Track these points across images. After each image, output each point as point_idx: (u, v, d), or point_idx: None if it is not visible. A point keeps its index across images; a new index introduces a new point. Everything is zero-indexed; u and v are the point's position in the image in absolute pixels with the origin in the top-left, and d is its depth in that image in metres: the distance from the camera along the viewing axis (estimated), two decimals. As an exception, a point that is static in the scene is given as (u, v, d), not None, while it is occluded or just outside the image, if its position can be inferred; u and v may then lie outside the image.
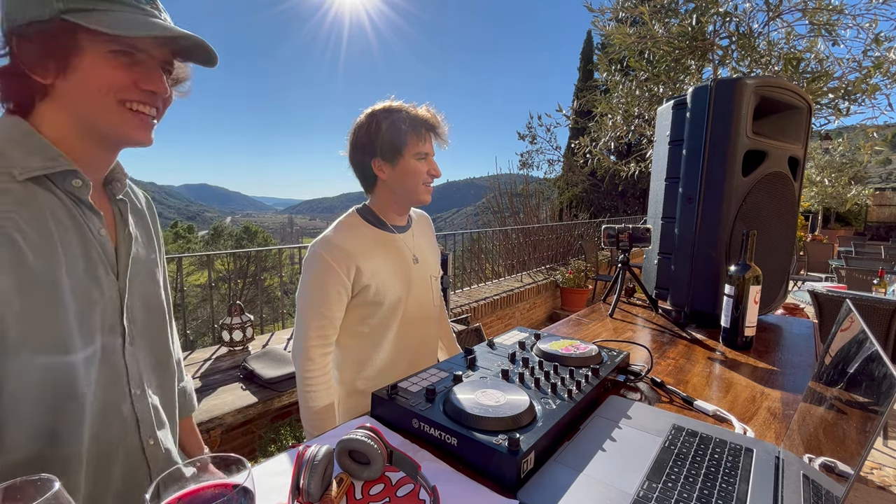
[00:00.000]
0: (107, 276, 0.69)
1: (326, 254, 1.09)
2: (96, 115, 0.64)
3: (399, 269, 1.18)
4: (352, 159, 1.19)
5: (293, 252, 4.39)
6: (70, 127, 0.65)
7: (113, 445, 0.71)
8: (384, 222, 1.20)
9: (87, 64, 0.62)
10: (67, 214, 0.65)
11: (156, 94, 0.67)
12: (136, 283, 0.75)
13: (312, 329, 1.10)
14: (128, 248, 0.74)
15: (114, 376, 0.70)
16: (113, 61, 0.63)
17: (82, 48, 0.61)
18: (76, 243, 0.65)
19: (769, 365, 1.07)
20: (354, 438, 0.57)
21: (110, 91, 0.63)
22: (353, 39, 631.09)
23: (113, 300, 0.70)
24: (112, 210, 0.75)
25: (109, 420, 0.70)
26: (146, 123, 0.68)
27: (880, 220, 17.37)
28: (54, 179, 0.64)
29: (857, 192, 12.72)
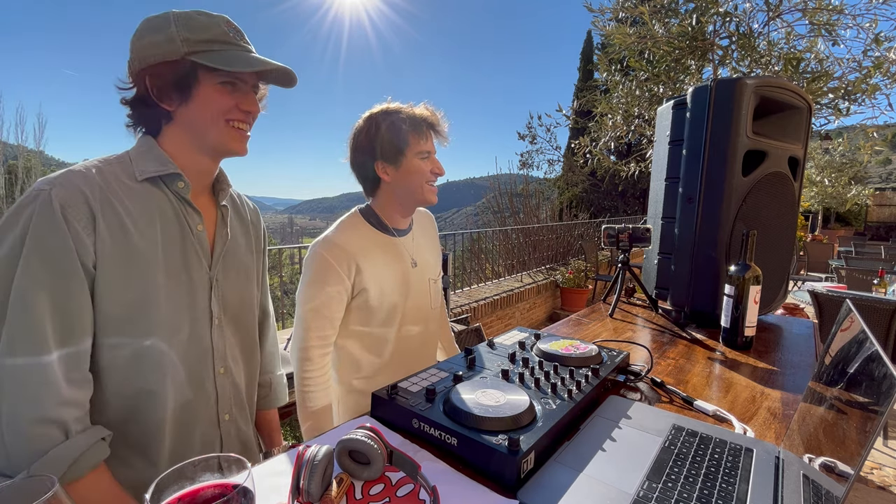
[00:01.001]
0: (199, 264, 0.82)
1: (327, 253, 1.08)
2: (209, 133, 0.80)
3: (398, 273, 1.17)
4: (353, 164, 1.18)
5: (293, 252, 4.39)
6: (186, 143, 0.81)
7: (195, 415, 0.83)
8: (386, 225, 1.19)
9: (203, 93, 0.77)
10: (172, 210, 0.80)
11: (251, 112, 0.83)
12: (228, 275, 0.88)
13: (312, 329, 1.09)
14: (222, 245, 0.87)
15: (201, 353, 0.82)
16: (222, 90, 0.79)
17: (200, 81, 0.77)
18: (176, 233, 0.80)
19: (769, 365, 1.07)
20: (354, 438, 0.57)
21: (220, 113, 0.79)
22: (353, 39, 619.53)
23: (203, 285, 0.83)
24: (216, 212, 0.89)
25: (194, 391, 0.82)
26: (244, 137, 0.84)
27: (880, 220, 17.36)
28: (165, 181, 0.79)
29: (857, 192, 12.72)
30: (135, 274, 0.73)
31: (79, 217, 0.68)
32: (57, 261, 0.66)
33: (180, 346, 0.79)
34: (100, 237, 0.70)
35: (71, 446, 0.66)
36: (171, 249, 0.78)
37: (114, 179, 0.74)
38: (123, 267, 0.72)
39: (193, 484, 0.43)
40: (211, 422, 0.86)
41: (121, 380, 0.74)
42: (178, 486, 0.42)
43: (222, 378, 0.86)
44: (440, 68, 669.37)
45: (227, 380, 0.87)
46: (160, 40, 0.74)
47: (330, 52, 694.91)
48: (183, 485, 0.42)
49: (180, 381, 0.79)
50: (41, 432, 0.64)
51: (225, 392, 0.87)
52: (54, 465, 0.64)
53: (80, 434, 0.68)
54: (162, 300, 0.76)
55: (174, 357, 0.78)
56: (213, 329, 0.84)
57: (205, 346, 0.83)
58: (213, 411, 0.86)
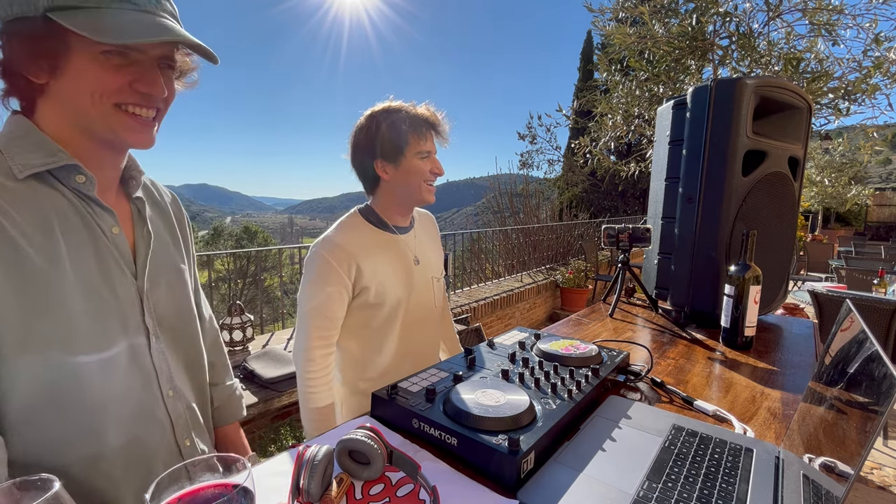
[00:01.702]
0: (122, 276, 0.67)
1: (328, 254, 1.08)
2: (91, 118, 0.61)
3: (400, 271, 1.17)
4: (353, 161, 1.18)
5: (293, 252, 4.39)
6: (68, 126, 0.62)
7: (151, 447, 0.71)
8: (386, 223, 1.19)
9: (77, 65, 0.58)
10: (75, 212, 0.63)
11: (152, 95, 0.64)
12: (158, 282, 0.73)
13: (314, 329, 1.09)
14: (146, 247, 0.72)
15: (143, 377, 0.69)
16: (105, 62, 0.59)
17: (71, 48, 0.57)
18: (85, 241, 0.63)
19: (769, 365, 1.07)
20: (354, 438, 0.57)
21: (104, 94, 0.60)
22: (353, 39, 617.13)
23: (131, 299, 0.68)
24: (130, 209, 0.73)
25: (145, 422, 0.69)
26: (144, 125, 0.65)
27: (880, 220, 17.36)
28: (58, 176, 0.62)
29: (857, 192, 12.72)
30: (39, 302, 0.57)
31: None
32: None
33: (116, 375, 0.65)
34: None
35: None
36: (82, 263, 0.62)
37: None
38: (20, 296, 0.56)
39: (193, 484, 0.43)
40: (171, 452, 0.74)
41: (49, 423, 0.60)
42: (178, 486, 0.42)
43: (173, 401, 0.74)
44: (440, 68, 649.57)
45: (180, 402, 0.75)
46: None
47: (330, 52, 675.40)
48: (183, 485, 0.42)
49: (125, 414, 0.67)
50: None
51: (179, 416, 0.75)
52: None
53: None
54: (81, 327, 0.61)
55: (111, 388, 0.65)
56: (151, 348, 0.70)
57: (146, 369, 0.70)
58: (171, 440, 0.74)
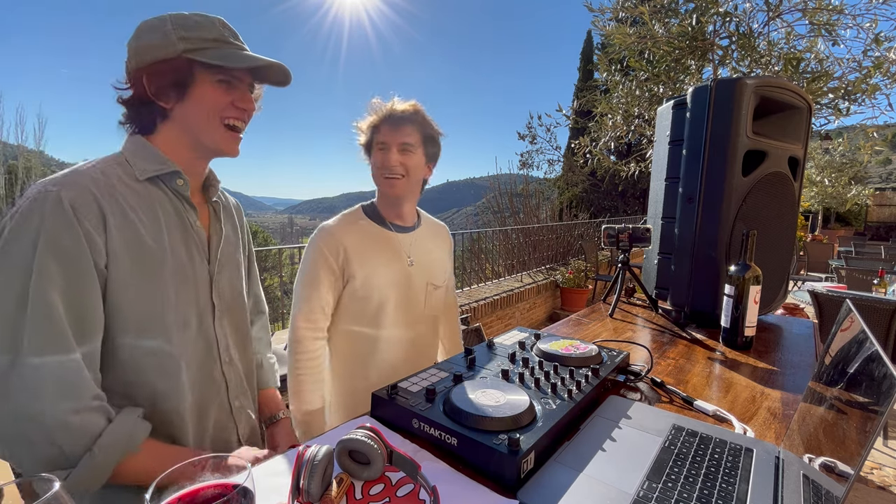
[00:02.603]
0: (200, 260, 0.85)
1: (320, 240, 1.15)
2: (204, 132, 0.81)
3: (389, 267, 1.18)
4: None
5: (293, 252, 4.39)
6: (181, 141, 0.82)
7: (209, 403, 0.86)
8: (384, 219, 1.22)
9: (200, 91, 0.79)
10: (173, 208, 0.81)
11: (247, 110, 0.85)
12: (224, 268, 0.90)
13: (302, 312, 1.14)
14: (218, 240, 0.90)
15: (207, 345, 0.85)
16: (218, 87, 0.80)
17: (196, 79, 0.78)
18: (178, 231, 0.81)
19: (769, 365, 1.07)
20: (354, 438, 0.57)
21: (216, 111, 0.80)
22: (354, 39, 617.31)
23: (204, 280, 0.85)
24: (208, 209, 0.92)
25: (206, 382, 0.85)
26: (236, 139, 0.85)
27: (880, 220, 17.37)
28: (164, 180, 0.81)
29: (857, 192, 12.72)
30: (146, 272, 0.75)
31: (90, 217, 0.69)
32: (70, 261, 0.67)
33: (190, 340, 0.81)
34: (110, 236, 0.71)
35: (121, 424, 0.69)
36: (176, 247, 0.80)
37: (117, 180, 0.75)
38: (135, 265, 0.74)
39: (193, 484, 0.43)
40: (224, 410, 0.89)
41: (140, 375, 0.76)
42: (178, 486, 0.42)
43: (228, 367, 0.90)
44: (440, 68, 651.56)
45: (232, 368, 0.91)
46: (157, 39, 0.76)
47: (330, 52, 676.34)
48: (183, 485, 0.42)
49: (193, 373, 0.82)
50: (87, 420, 0.67)
51: (233, 380, 0.91)
52: (114, 446, 0.68)
53: (119, 415, 0.71)
54: (172, 297, 0.78)
55: (186, 350, 0.80)
56: (215, 322, 0.87)
57: (210, 338, 0.86)
58: (225, 400, 0.89)
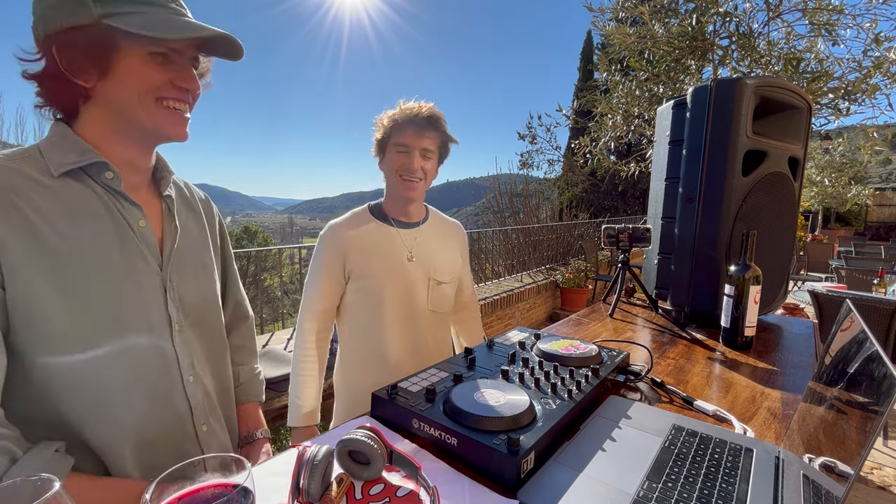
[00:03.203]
0: (146, 265, 0.72)
1: (324, 236, 1.22)
2: (136, 114, 0.67)
3: (389, 262, 1.20)
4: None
5: (293, 252, 4.39)
6: (108, 127, 0.69)
7: (164, 431, 0.73)
8: (386, 216, 1.26)
9: (126, 66, 0.65)
10: (102, 205, 0.68)
11: (189, 90, 0.71)
12: (184, 273, 0.78)
13: (305, 301, 1.21)
14: (172, 241, 0.77)
15: (163, 364, 0.73)
16: (150, 62, 0.66)
17: (121, 51, 0.64)
18: (110, 231, 0.68)
19: (769, 365, 1.07)
20: (354, 438, 0.57)
21: (149, 91, 0.67)
22: (354, 39, 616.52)
23: (155, 288, 0.73)
24: (160, 205, 0.79)
25: (160, 407, 0.72)
26: (182, 119, 0.72)
27: (880, 220, 17.36)
28: (90, 173, 0.68)
29: (857, 192, 12.72)
30: (58, 285, 0.63)
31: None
32: None
33: (135, 359, 0.69)
34: (3, 251, 0.60)
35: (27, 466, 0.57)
36: (106, 251, 0.67)
37: (20, 179, 0.63)
38: (41, 278, 0.62)
39: (193, 484, 0.43)
40: (188, 437, 0.76)
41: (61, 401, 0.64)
42: (178, 486, 0.42)
43: (193, 387, 0.77)
44: (440, 68, 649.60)
45: (198, 388, 0.78)
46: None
47: (330, 52, 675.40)
48: (183, 485, 0.42)
49: (142, 397, 0.70)
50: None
51: (198, 402, 0.78)
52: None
53: (29, 454, 0.58)
54: (100, 310, 0.65)
55: (127, 371, 0.68)
56: (174, 336, 0.74)
57: (166, 355, 0.73)
58: (189, 425, 0.76)
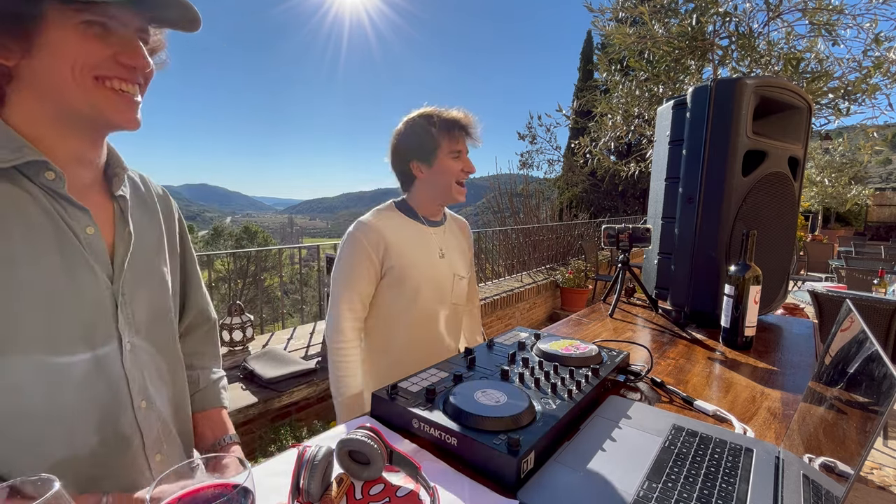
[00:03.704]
0: (93, 278, 0.62)
1: (359, 233, 1.19)
2: (72, 97, 0.57)
3: (424, 259, 1.24)
4: (392, 163, 1.29)
5: (293, 252, 4.39)
6: (43, 114, 0.58)
7: (111, 466, 0.65)
8: (416, 213, 1.28)
9: (54, 38, 0.54)
10: (41, 211, 0.58)
11: (136, 68, 0.60)
12: (139, 285, 0.68)
13: (343, 302, 1.18)
14: (125, 249, 0.67)
15: (110, 387, 0.64)
16: (85, 32, 0.55)
17: (48, 20, 0.53)
18: (49, 241, 0.59)
19: (769, 365, 1.07)
20: (354, 438, 0.57)
21: (85, 67, 0.56)
22: (354, 39, 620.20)
23: (102, 303, 0.63)
24: (112, 207, 0.68)
25: (108, 437, 0.64)
26: (130, 103, 0.60)
27: (880, 220, 17.36)
28: (26, 173, 0.58)
29: (857, 192, 12.72)
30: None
31: None
32: None
33: (74, 384, 0.60)
34: None
35: None
36: (41, 264, 0.58)
37: None
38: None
39: (193, 484, 0.43)
40: (139, 470, 0.68)
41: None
42: (178, 487, 0.42)
43: (146, 413, 0.68)
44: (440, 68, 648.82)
45: (152, 413, 0.69)
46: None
47: (330, 52, 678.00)
48: (183, 485, 0.42)
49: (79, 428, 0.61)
50: None
51: (152, 429, 0.69)
52: None
53: None
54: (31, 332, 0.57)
55: (64, 399, 0.60)
56: (123, 356, 0.65)
57: (115, 378, 0.64)
58: (141, 456, 0.68)
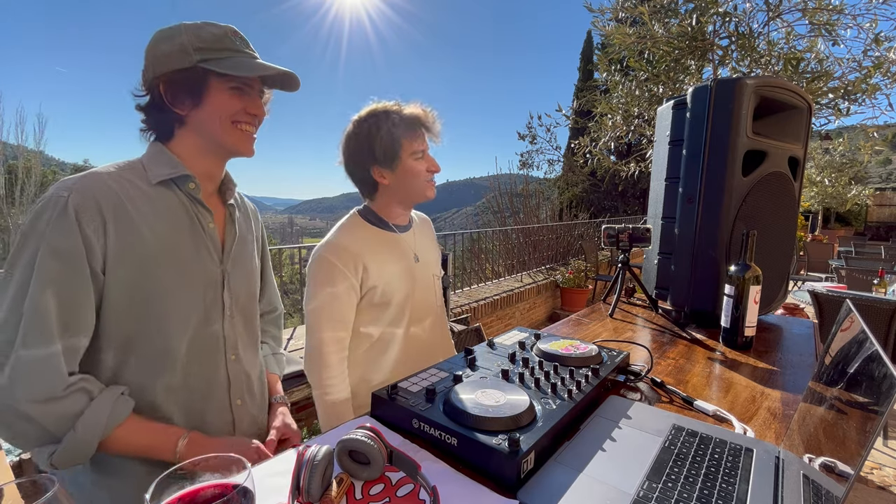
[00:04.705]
0: (211, 259, 0.88)
1: (332, 256, 1.08)
2: (218, 135, 0.85)
3: (402, 268, 1.18)
4: (347, 169, 1.18)
5: (293, 252, 4.39)
6: (197, 145, 0.87)
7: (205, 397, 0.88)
8: (386, 222, 1.20)
9: (214, 97, 0.83)
10: (184, 210, 0.85)
11: (257, 115, 0.89)
12: (237, 269, 0.93)
13: (327, 333, 1.09)
14: (232, 241, 0.93)
15: (213, 342, 0.88)
16: (231, 94, 0.85)
17: (210, 86, 0.82)
18: (187, 230, 0.85)
19: (769, 365, 1.07)
20: (354, 438, 0.57)
21: (228, 116, 0.85)
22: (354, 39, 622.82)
23: (215, 278, 0.88)
24: (224, 211, 0.95)
25: (205, 377, 0.87)
26: (250, 139, 0.90)
27: (880, 220, 17.36)
28: (178, 183, 0.85)
29: (857, 192, 12.73)
30: (146, 271, 0.79)
31: (90, 223, 0.74)
32: (67, 262, 0.72)
33: (191, 336, 0.84)
34: (109, 240, 0.75)
35: (102, 403, 0.74)
36: (184, 247, 0.84)
37: (129, 185, 0.80)
38: (134, 267, 0.78)
39: (193, 484, 0.43)
40: (223, 406, 0.90)
41: (131, 365, 0.80)
42: (178, 486, 0.42)
43: (234, 365, 0.92)
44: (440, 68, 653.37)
45: (238, 367, 0.93)
46: (173, 49, 0.80)
47: (330, 52, 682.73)
48: (183, 485, 0.42)
49: (192, 367, 0.85)
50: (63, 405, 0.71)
51: (237, 378, 0.93)
52: (95, 423, 0.73)
53: (102, 394, 0.75)
54: (171, 293, 0.81)
55: (183, 345, 0.83)
56: (224, 319, 0.90)
57: (216, 335, 0.89)
58: (226, 397, 0.91)
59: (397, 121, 1.10)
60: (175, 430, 0.81)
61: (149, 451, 0.79)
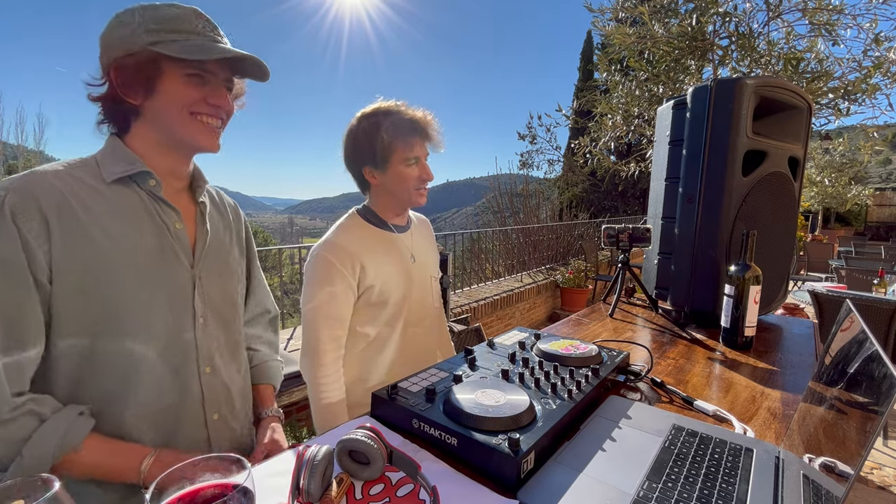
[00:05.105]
0: (178, 263, 0.80)
1: (330, 255, 1.09)
2: (175, 127, 0.77)
3: (399, 269, 1.18)
4: (346, 165, 1.20)
5: (293, 252, 4.39)
6: (152, 139, 0.79)
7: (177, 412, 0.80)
8: (384, 222, 1.20)
9: (167, 86, 0.75)
10: (145, 209, 0.78)
11: (220, 107, 0.80)
12: (211, 271, 0.86)
13: (324, 332, 1.09)
14: (204, 242, 0.85)
15: (184, 351, 0.80)
16: (188, 82, 0.76)
17: (164, 73, 0.74)
18: (150, 231, 0.77)
19: (769, 365, 1.07)
20: (354, 438, 0.57)
21: (185, 106, 0.77)
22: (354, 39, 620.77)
23: (184, 284, 0.81)
24: (195, 210, 0.87)
25: (178, 391, 0.80)
26: (212, 132, 0.81)
27: (880, 220, 17.36)
28: (137, 180, 0.78)
29: (857, 192, 12.73)
30: (101, 277, 0.71)
31: (29, 226, 0.66)
32: (5, 271, 0.65)
33: (157, 346, 0.76)
34: (54, 245, 0.68)
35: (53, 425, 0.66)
36: (143, 248, 0.76)
37: (77, 183, 0.72)
38: (85, 273, 0.70)
39: (193, 484, 0.43)
40: (197, 422, 0.83)
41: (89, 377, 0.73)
42: (178, 486, 0.42)
43: (209, 376, 0.84)
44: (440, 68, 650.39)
45: (215, 378, 0.85)
46: (125, 32, 0.72)
47: (330, 52, 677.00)
48: (183, 485, 0.42)
49: (160, 379, 0.77)
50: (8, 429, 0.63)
51: (213, 390, 0.84)
52: (45, 447, 0.65)
53: (55, 416, 0.67)
54: (130, 298, 0.73)
55: (149, 357, 0.75)
56: (196, 328, 0.82)
57: (187, 344, 0.80)
58: (200, 411, 0.83)
59: (397, 123, 1.10)
60: (140, 450, 0.74)
61: (110, 473, 0.71)
